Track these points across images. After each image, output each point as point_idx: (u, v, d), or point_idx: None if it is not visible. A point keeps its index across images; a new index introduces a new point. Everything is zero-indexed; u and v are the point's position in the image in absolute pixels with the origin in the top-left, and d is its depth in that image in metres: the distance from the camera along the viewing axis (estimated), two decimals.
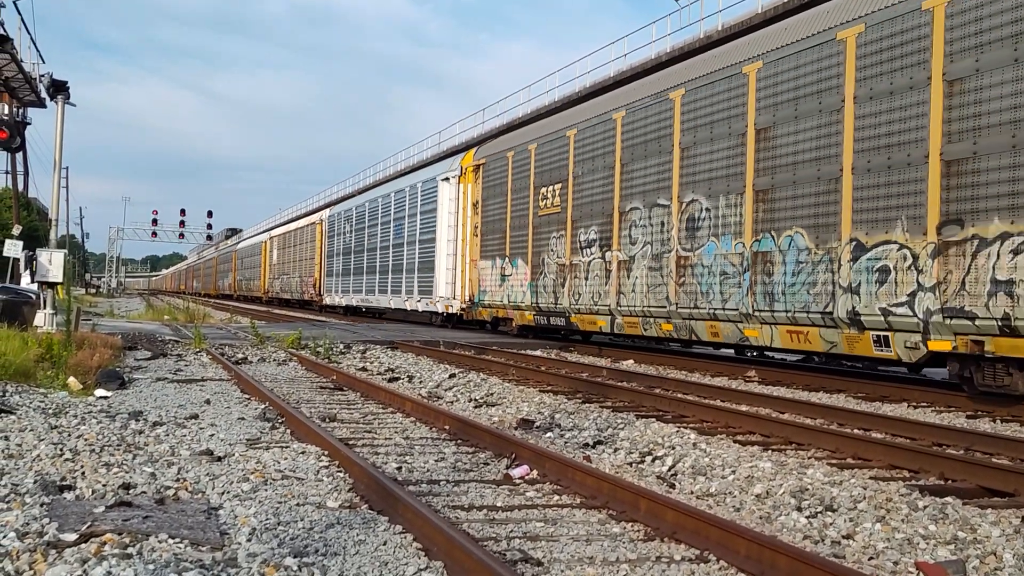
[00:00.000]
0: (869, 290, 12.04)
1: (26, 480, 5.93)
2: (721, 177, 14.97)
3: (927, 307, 11.11)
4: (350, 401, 11.21)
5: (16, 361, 11.08)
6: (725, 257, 14.78)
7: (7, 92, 19.91)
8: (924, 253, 11.22)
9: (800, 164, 13.30)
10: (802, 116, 13.30)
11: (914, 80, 11.52)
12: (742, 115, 14.53)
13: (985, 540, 5.15)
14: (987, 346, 10.44)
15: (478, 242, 24.64)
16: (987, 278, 10.43)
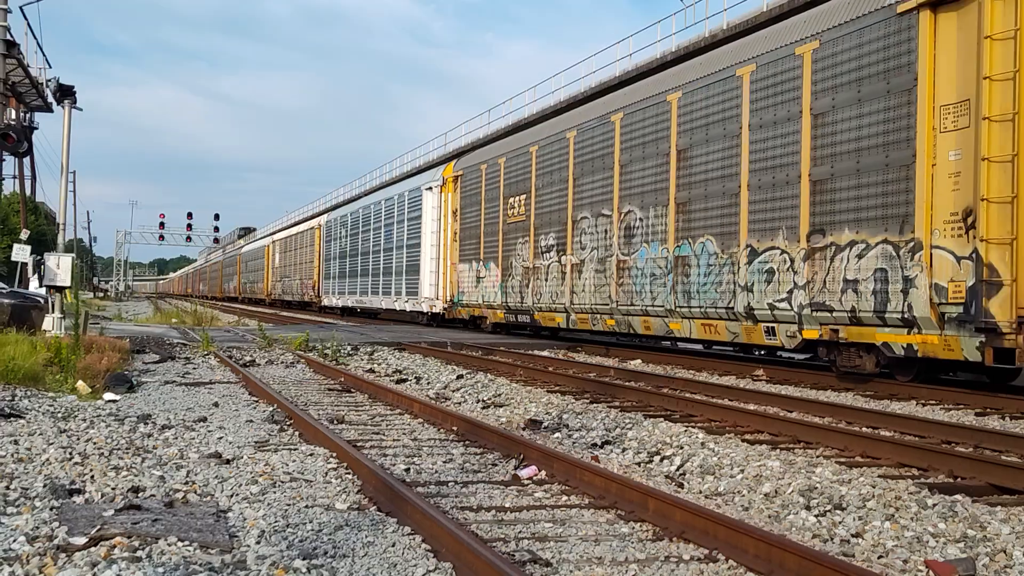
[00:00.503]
0: (760, 288, 14.11)
1: (35, 484, 5.95)
2: (651, 191, 17.15)
3: (800, 302, 13.25)
4: (358, 403, 11.22)
5: (25, 365, 11.12)
6: (654, 261, 16.98)
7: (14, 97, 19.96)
8: (798, 257, 13.34)
9: (710, 181, 15.44)
10: (711, 140, 15.45)
11: (790, 113, 13.66)
12: (667, 137, 16.72)
13: (995, 538, 5.14)
14: (841, 333, 12.69)
15: (457, 247, 26.57)
16: (840, 278, 12.59)
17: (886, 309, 11.88)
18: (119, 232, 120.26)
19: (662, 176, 16.79)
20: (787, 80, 13.75)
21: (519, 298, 22.53)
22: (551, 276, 20.99)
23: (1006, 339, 10.29)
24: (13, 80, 19.43)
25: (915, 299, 11.48)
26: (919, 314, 11.42)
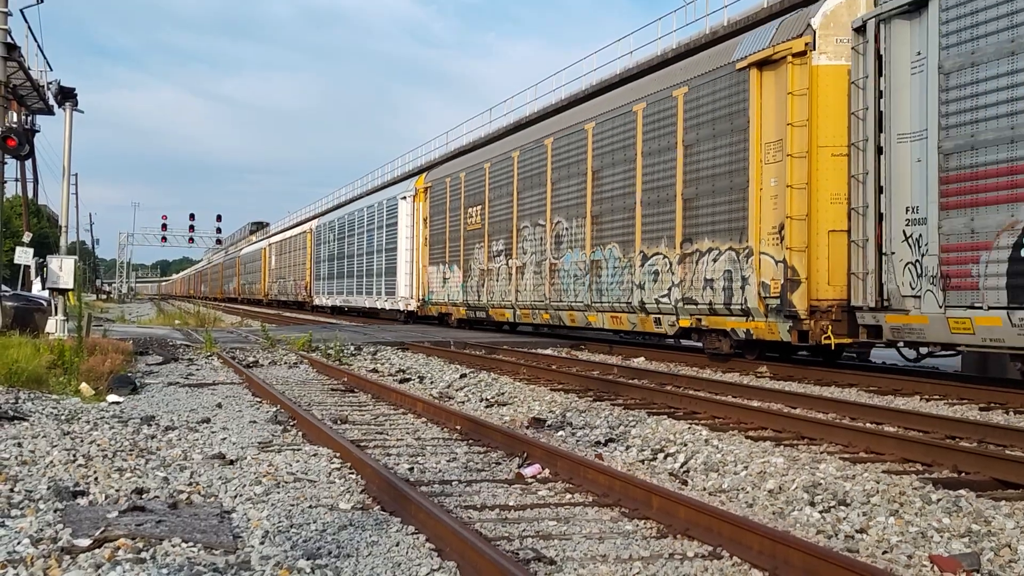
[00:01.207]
0: (649, 286, 17.10)
1: (40, 486, 5.95)
2: (574, 205, 20.26)
3: (676, 297, 16.22)
4: (361, 403, 11.23)
5: (28, 368, 11.13)
6: (576, 264, 19.96)
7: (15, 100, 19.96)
8: (674, 261, 16.29)
9: (615, 197, 18.51)
10: (616, 164, 18.46)
11: (669, 144, 16.67)
12: (584, 160, 19.76)
13: (999, 532, 5.13)
14: (704, 322, 15.65)
15: (427, 251, 29.46)
16: (702, 277, 15.54)
17: (731, 302, 14.80)
18: (121, 234, 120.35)
19: (581, 192, 19.85)
20: (667, 117, 16.68)
21: (477, 296, 25.41)
22: (501, 277, 23.95)
23: (803, 323, 13.38)
24: (14, 83, 19.44)
25: (749, 294, 14.34)
26: (751, 305, 14.31)
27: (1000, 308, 10.44)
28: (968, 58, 10.94)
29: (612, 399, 11.09)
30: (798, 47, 13.51)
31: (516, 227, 23.06)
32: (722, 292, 14.98)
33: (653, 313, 17.02)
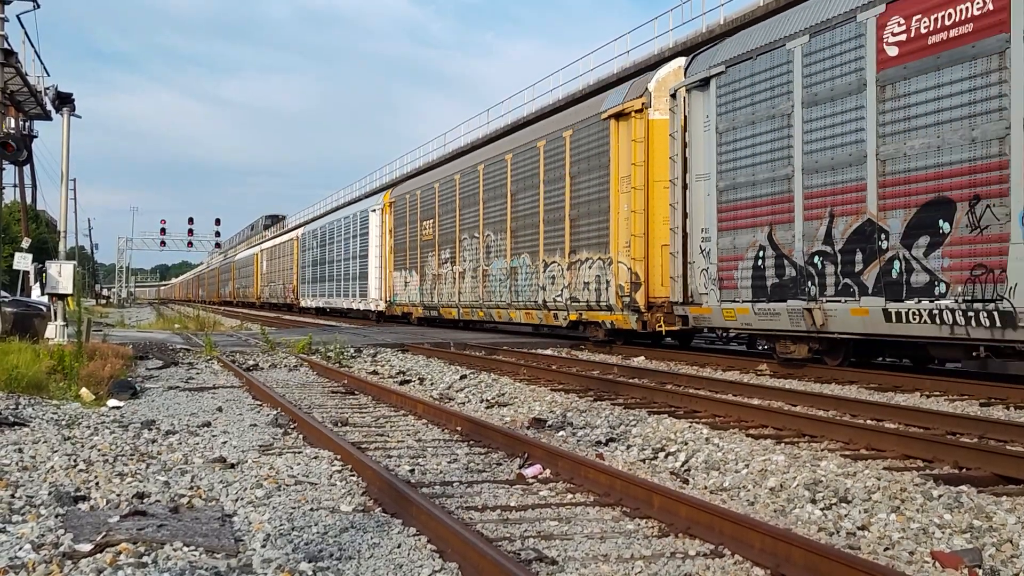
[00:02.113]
0: (549, 288, 21.27)
1: (41, 492, 5.95)
2: (499, 221, 24.30)
3: (567, 296, 20.37)
4: (362, 405, 11.22)
5: (28, 373, 11.13)
6: (500, 270, 23.98)
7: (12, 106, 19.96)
8: (565, 268, 20.47)
9: (526, 216, 22.66)
10: (527, 188, 22.67)
11: (560, 175, 20.89)
12: (505, 184, 23.88)
13: (1001, 528, 5.13)
14: (584, 316, 19.79)
15: (392, 258, 33.44)
16: (582, 281, 19.67)
17: (600, 300, 18.96)
18: (120, 238, 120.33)
19: (503, 211, 24.03)
20: (559, 153, 20.91)
21: (431, 298, 29.34)
22: (448, 281, 27.88)
23: (644, 316, 17.78)
24: (11, 89, 19.44)
25: (611, 294, 18.50)
26: (612, 303, 18.46)
27: (748, 302, 14.52)
28: (731, 123, 14.98)
29: (612, 399, 11.09)
30: (639, 105, 17.80)
31: (459, 239, 27.06)
32: (595, 292, 19.20)
33: (552, 310, 21.20)
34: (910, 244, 11.67)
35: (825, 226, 13.02)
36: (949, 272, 11.12)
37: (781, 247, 13.85)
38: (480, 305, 25.16)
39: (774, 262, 13.97)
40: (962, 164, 10.95)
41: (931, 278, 11.35)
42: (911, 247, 11.66)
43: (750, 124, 14.45)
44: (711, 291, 15.29)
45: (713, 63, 15.38)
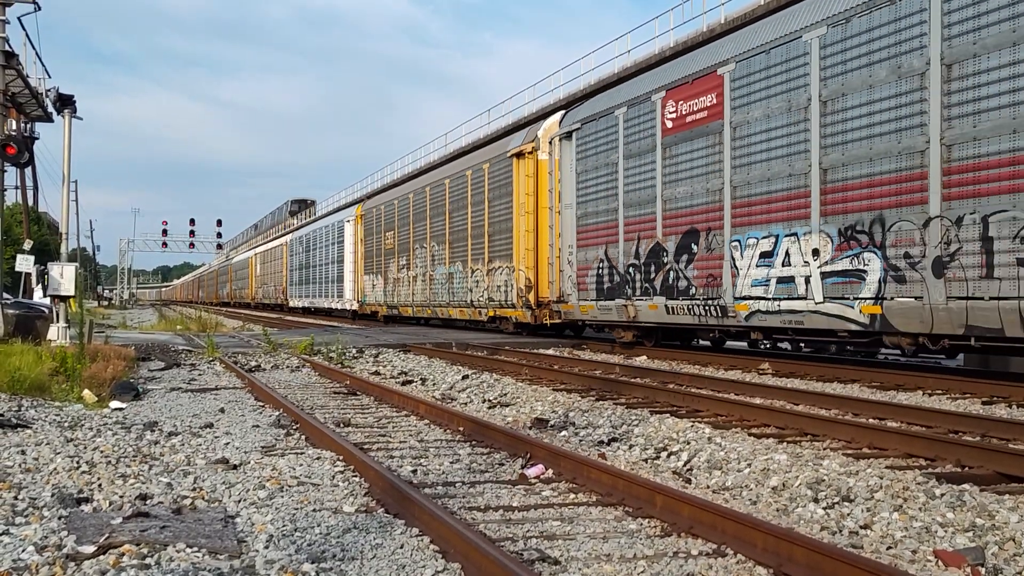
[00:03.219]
0: (475, 290, 25.73)
1: (44, 493, 5.95)
2: (441, 234, 28.88)
3: (487, 297, 24.64)
4: (364, 405, 11.23)
5: (31, 375, 11.14)
6: (442, 275, 28.58)
7: (14, 108, 19.97)
8: (486, 273, 24.93)
9: (458, 231, 27.37)
10: (459, 208, 27.23)
11: (482, 199, 25.42)
12: (444, 204, 28.70)
13: (1004, 526, 5.13)
14: (498, 312, 24.03)
15: (363, 263, 38.07)
16: (496, 284, 24.20)
17: (507, 299, 23.53)
18: (122, 240, 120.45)
19: (443, 226, 28.60)
20: (480, 181, 25.50)
21: (392, 298, 33.77)
22: (404, 284, 32.38)
23: (535, 312, 22.09)
24: (13, 91, 19.45)
25: (513, 295, 23.03)
26: (515, 302, 23.02)
27: (594, 300, 19.31)
28: (585, 166, 19.77)
29: (615, 398, 11.09)
30: (530, 148, 22.57)
31: (412, 248, 31.64)
32: (504, 293, 23.71)
33: (477, 307, 25.48)
34: (679, 259, 16.53)
35: (635, 246, 17.96)
36: (697, 279, 16.01)
37: (612, 260, 18.81)
38: (428, 304, 29.84)
39: (608, 271, 18.88)
40: (702, 205, 15.79)
41: (688, 283, 16.22)
42: (679, 261, 16.51)
43: (595, 168, 19.37)
44: (573, 292, 20.26)
45: (574, 120, 20.38)
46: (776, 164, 14.04)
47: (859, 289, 12.52)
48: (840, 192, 12.86)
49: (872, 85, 12.22)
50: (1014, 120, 10.33)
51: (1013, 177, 10.39)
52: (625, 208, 18.12)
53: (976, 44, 10.80)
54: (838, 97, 12.80)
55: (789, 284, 13.79)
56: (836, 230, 12.93)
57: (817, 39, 13.12)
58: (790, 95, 13.75)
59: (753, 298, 14.47)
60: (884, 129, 12.04)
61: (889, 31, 12.01)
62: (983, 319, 10.70)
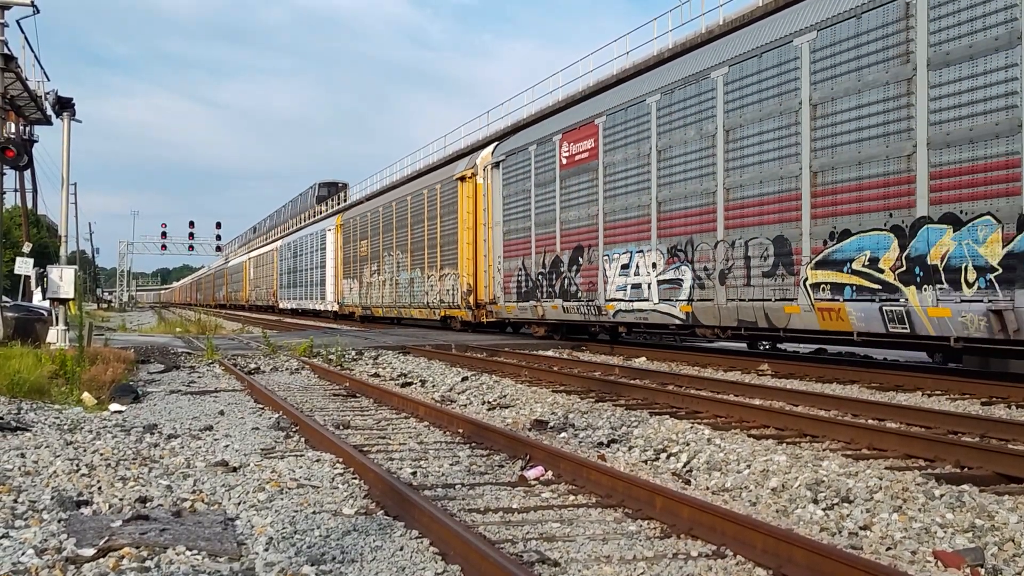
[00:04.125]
0: (431, 293, 29.15)
1: (43, 496, 5.95)
2: (403, 244, 32.37)
3: (439, 299, 28.30)
4: (363, 407, 11.23)
5: (30, 378, 11.13)
6: (405, 280, 31.98)
7: (13, 111, 19.96)
8: (438, 278, 28.49)
9: (417, 242, 30.84)
10: (418, 223, 30.81)
11: (435, 215, 28.95)
12: (407, 217, 32.03)
13: (1003, 527, 5.13)
14: (448, 312, 27.61)
15: (342, 268, 41.57)
16: (445, 288, 27.74)
17: (454, 302, 27.00)
18: (121, 243, 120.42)
19: (406, 237, 32.14)
20: (434, 201, 29.12)
21: (366, 300, 37.19)
22: (375, 287, 35.77)
23: (475, 312, 25.62)
24: (12, 94, 19.45)
25: (459, 297, 26.56)
26: (459, 303, 26.52)
27: (515, 302, 23.09)
28: (508, 191, 23.69)
29: (614, 400, 11.09)
30: (470, 173, 26.38)
31: (382, 256, 35.00)
32: (452, 296, 27.29)
33: (433, 308, 29.03)
34: (571, 269, 20.43)
35: (543, 258, 21.86)
36: (582, 285, 19.95)
37: (527, 269, 22.59)
38: (395, 305, 33.35)
39: (524, 278, 22.74)
40: (586, 227, 19.86)
41: (577, 288, 20.13)
42: (571, 271, 20.42)
43: (516, 193, 23.27)
44: (501, 295, 23.98)
45: (502, 152, 24.46)
46: (631, 197, 18.13)
47: (679, 293, 16.49)
48: (668, 220, 16.91)
49: (686, 142, 16.34)
50: (761, 174, 14.39)
51: (760, 213, 14.42)
52: (535, 227, 22.27)
53: (741, 119, 14.89)
54: (667, 149, 16.90)
55: (638, 289, 17.82)
56: (666, 248, 16.92)
57: (654, 102, 17.32)
58: (639, 145, 17.84)
59: (617, 300, 18.59)
60: (693, 175, 16.13)
61: (694, 108, 16.17)
62: (747, 315, 14.70)
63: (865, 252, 12.39)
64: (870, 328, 12.41)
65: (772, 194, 14.13)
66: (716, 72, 15.45)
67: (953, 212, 11.16)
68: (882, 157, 12.16)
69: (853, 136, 12.63)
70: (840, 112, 12.85)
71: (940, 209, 11.32)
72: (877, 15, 12.17)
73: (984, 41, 10.76)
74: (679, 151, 16.46)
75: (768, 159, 14.24)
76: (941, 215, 11.30)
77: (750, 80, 14.57)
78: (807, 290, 13.36)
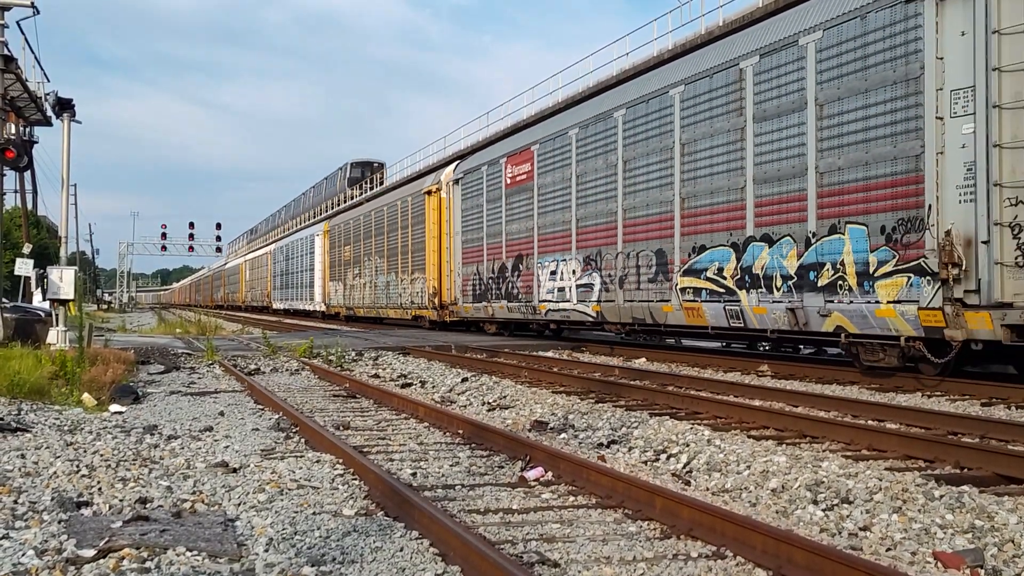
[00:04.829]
0: (404, 295, 31.71)
1: (43, 497, 5.96)
2: (381, 250, 35.10)
3: (410, 301, 31.09)
4: (363, 408, 11.23)
5: (30, 379, 11.12)
6: (383, 282, 34.66)
7: (13, 112, 19.98)
8: (409, 282, 31.31)
9: (392, 248, 33.49)
10: (393, 231, 33.58)
11: (408, 224, 31.63)
12: (384, 226, 34.90)
13: (1003, 527, 5.13)
14: (418, 312, 30.56)
15: (328, 271, 44.46)
16: (416, 290, 30.67)
17: (423, 302, 29.71)
18: (121, 244, 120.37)
19: (382, 244, 34.97)
20: (405, 212, 32.14)
21: (349, 301, 40.17)
22: (357, 289, 38.78)
23: (441, 312, 28.40)
24: (12, 95, 19.46)
25: (427, 299, 29.29)
26: (427, 304, 29.25)
27: (471, 303, 26.18)
28: (466, 205, 26.88)
29: (614, 400, 11.09)
30: (435, 188, 29.49)
31: (363, 260, 37.95)
32: (421, 297, 30.09)
33: (406, 308, 31.88)
34: (514, 275, 23.68)
35: (493, 264, 24.99)
36: (522, 288, 23.11)
37: (480, 274, 25.82)
38: (374, 306, 36.24)
39: (478, 282, 25.94)
40: (525, 238, 23.16)
41: (518, 291, 23.32)
42: (514, 276, 23.68)
43: (471, 207, 26.60)
44: (460, 297, 27.32)
45: (461, 171, 27.92)
46: (558, 214, 21.42)
47: (591, 295, 19.76)
48: (584, 234, 20.24)
49: (596, 169, 19.59)
50: (647, 199, 17.61)
51: (647, 231, 17.62)
52: (487, 237, 25.40)
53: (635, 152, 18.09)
54: (583, 175, 20.16)
55: (563, 292, 21.09)
56: (583, 258, 20.23)
57: (574, 134, 20.56)
58: (563, 170, 21.17)
59: (547, 301, 21.88)
60: (601, 197, 19.37)
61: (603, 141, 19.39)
62: (638, 313, 17.95)
63: (715, 263, 15.57)
64: (718, 323, 15.50)
65: (655, 215, 17.34)
66: (617, 112, 18.80)
67: (768, 233, 14.30)
68: (726, 189, 15.32)
69: (707, 171, 15.84)
70: (699, 151, 16.02)
71: (761, 230, 14.49)
72: (721, 76, 15.47)
73: (787, 103, 13.91)
74: (591, 177, 19.84)
75: (652, 186, 17.44)
76: (761, 235, 14.47)
77: (640, 120, 17.97)
78: (678, 293, 16.47)
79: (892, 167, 12.03)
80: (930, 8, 11.32)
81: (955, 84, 11.04)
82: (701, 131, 15.92)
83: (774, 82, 14.14)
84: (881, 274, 12.16)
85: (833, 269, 12.96)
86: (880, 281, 12.16)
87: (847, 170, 12.75)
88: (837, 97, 12.93)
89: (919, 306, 11.48)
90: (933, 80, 11.28)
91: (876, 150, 12.25)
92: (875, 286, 12.26)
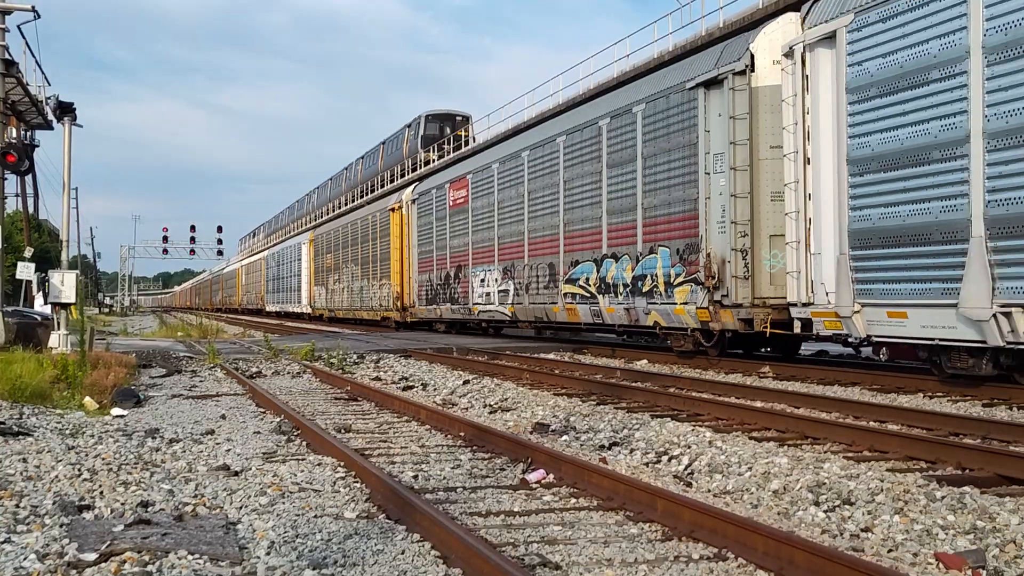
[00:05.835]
0: (375, 298, 35.84)
1: (45, 501, 5.96)
2: (355, 258, 38.81)
3: (380, 304, 35.32)
4: (365, 411, 11.23)
5: (32, 383, 11.13)
6: (358, 287, 38.14)
7: (14, 116, 20.00)
8: (379, 286, 35.43)
9: (366, 257, 37.10)
10: (366, 241, 37.38)
11: (376, 236, 35.98)
12: (358, 238, 38.52)
13: (1004, 528, 5.13)
14: (385, 314, 34.86)
15: (313, 277, 48.36)
16: (384, 294, 34.84)
17: (389, 305, 33.41)
18: (123, 247, 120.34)
19: (357, 253, 38.67)
20: (376, 225, 35.72)
21: (330, 304, 43.95)
22: (337, 293, 42.70)
23: (402, 312, 32.90)
24: (13, 99, 19.48)
25: (392, 300, 33.23)
26: (392, 306, 33.38)
27: (425, 305, 30.65)
28: (421, 223, 31.77)
29: (615, 402, 11.09)
30: (399, 205, 33.39)
31: (342, 267, 41.72)
32: (388, 301, 33.58)
33: (376, 311, 35.52)
34: (455, 281, 27.88)
35: (441, 273, 29.17)
36: (461, 293, 27.28)
37: (432, 281, 29.95)
38: (351, 308, 39.94)
39: (430, 288, 30.14)
40: (463, 251, 27.31)
41: (458, 295, 27.48)
42: (455, 282, 27.86)
43: (425, 224, 30.85)
44: (417, 301, 31.31)
45: (417, 192, 32.21)
46: (486, 232, 25.64)
47: (508, 299, 24.08)
48: (503, 250, 24.51)
49: (511, 198, 23.96)
50: (544, 223, 21.96)
51: (544, 248, 22.00)
52: (436, 250, 29.74)
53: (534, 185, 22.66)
54: (503, 201, 24.49)
55: (489, 296, 25.39)
56: (502, 269, 24.54)
57: (496, 168, 25.21)
58: (488, 197, 25.56)
59: (479, 304, 26.08)
60: (515, 220, 23.70)
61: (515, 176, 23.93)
62: (537, 313, 22.43)
63: (584, 274, 19.95)
64: (587, 320, 20.02)
65: (548, 236, 21.78)
66: (524, 152, 23.31)
67: (615, 252, 18.71)
68: (591, 217, 19.75)
69: (579, 203, 20.27)
70: (575, 188, 20.45)
71: (611, 250, 18.88)
72: (589, 130, 19.88)
73: (626, 155, 18.24)
74: (508, 204, 24.32)
75: (547, 213, 21.90)
76: (611, 253, 18.86)
77: (539, 160, 22.33)
78: (562, 297, 20.92)
79: (683, 207, 16.40)
80: (701, 95, 15.82)
81: (716, 150, 15.49)
82: (576, 172, 20.46)
83: (619, 138, 18.54)
84: (677, 283, 16.47)
85: (651, 279, 17.26)
86: (676, 288, 16.48)
87: (659, 207, 17.14)
88: (654, 153, 17.27)
89: (696, 306, 15.72)
90: (703, 146, 15.72)
91: (675, 194, 16.68)
92: (674, 292, 16.55)
